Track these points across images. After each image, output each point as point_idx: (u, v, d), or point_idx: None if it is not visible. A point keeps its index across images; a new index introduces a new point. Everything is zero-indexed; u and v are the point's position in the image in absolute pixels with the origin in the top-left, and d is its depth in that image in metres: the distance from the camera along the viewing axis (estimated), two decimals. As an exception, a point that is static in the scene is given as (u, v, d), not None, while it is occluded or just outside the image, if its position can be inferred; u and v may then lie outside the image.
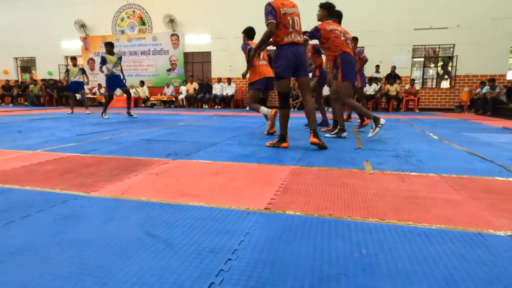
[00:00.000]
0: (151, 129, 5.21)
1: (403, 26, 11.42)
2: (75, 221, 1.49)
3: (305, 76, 3.48)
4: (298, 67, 3.38)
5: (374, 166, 2.62)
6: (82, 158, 2.92)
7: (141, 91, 13.58)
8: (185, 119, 7.30)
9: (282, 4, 3.26)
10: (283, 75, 3.36)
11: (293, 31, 3.30)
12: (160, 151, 3.25)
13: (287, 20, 3.25)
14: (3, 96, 14.47)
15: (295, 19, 3.31)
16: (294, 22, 3.30)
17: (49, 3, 14.60)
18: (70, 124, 6.05)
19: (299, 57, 3.33)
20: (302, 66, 3.39)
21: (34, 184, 2.09)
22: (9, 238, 1.32)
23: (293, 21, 3.29)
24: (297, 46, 3.33)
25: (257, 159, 2.87)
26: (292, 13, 3.30)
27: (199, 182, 2.14)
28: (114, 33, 14.34)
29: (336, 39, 4.10)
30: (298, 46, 3.34)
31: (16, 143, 3.72)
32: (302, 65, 3.38)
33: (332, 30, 4.11)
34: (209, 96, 12.48)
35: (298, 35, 3.35)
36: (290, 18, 3.27)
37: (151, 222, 1.48)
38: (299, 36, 3.35)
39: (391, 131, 5.09)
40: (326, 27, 4.11)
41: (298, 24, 3.35)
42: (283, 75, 3.36)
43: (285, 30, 3.27)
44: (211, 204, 1.71)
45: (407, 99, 11.10)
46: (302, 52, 3.37)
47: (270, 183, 2.12)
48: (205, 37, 13.36)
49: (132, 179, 2.21)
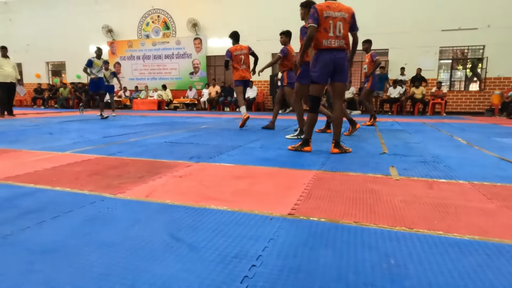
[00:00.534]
0: (175, 131, 5.30)
1: (429, 27, 11.10)
2: (102, 223, 1.52)
3: (340, 82, 3.37)
4: (335, 73, 3.32)
5: (400, 172, 2.55)
6: (109, 160, 3.00)
7: (164, 94, 13.85)
8: (207, 122, 7.37)
9: (327, 7, 3.20)
10: (317, 81, 3.35)
11: (333, 36, 3.22)
12: (183, 153, 3.30)
13: (329, 24, 3.19)
14: (35, 99, 15.13)
15: (337, 24, 3.21)
16: (336, 27, 3.21)
17: (78, 10, 15.18)
18: (97, 126, 6.25)
19: (337, 63, 3.27)
20: (340, 72, 3.31)
21: (64, 184, 2.16)
22: (40, 237, 1.37)
23: (334, 26, 3.20)
24: (336, 51, 3.26)
25: (280, 163, 2.85)
26: (336, 18, 3.20)
27: (222, 186, 2.15)
28: (139, 38, 14.72)
29: None
30: (338, 52, 3.26)
31: (47, 144, 3.87)
32: (339, 71, 3.31)
33: None
34: (231, 99, 12.57)
35: (340, 40, 3.24)
36: (332, 22, 3.19)
37: (175, 225, 1.49)
38: (341, 42, 3.25)
39: (417, 135, 4.95)
40: None
41: (341, 29, 3.22)
42: (317, 80, 3.35)
43: (325, 34, 3.21)
44: (234, 208, 1.71)
45: (434, 102, 10.76)
46: (341, 57, 3.28)
47: (293, 188, 2.10)
48: (227, 41, 13.44)
49: (156, 181, 2.25)
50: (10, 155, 3.23)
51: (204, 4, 13.49)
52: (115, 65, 15.14)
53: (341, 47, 3.27)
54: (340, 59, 3.27)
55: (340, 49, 3.27)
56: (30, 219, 1.56)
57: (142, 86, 14.70)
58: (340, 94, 3.44)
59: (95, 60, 7.86)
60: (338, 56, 3.26)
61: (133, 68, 14.97)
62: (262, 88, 13.07)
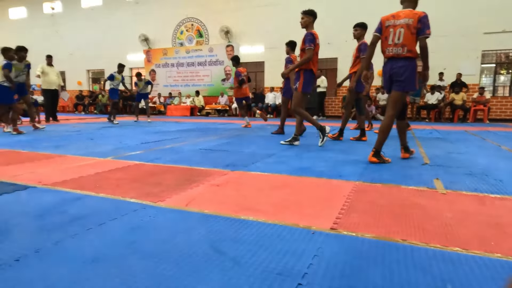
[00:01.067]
0: (208, 138, 5.37)
1: (470, 30, 10.59)
2: (146, 232, 1.54)
3: (395, 90, 3.26)
4: (391, 81, 3.27)
5: (446, 184, 2.41)
6: (148, 166, 3.07)
7: (197, 100, 14.14)
8: (239, 128, 7.42)
9: (392, 16, 3.20)
10: (386, 90, 3.39)
11: (391, 44, 3.19)
12: (218, 161, 3.32)
13: (389, 32, 3.20)
14: (77, 105, 15.97)
15: (397, 32, 3.14)
16: (395, 34, 3.16)
17: (117, 21, 15.92)
18: (134, 132, 6.46)
19: (393, 72, 3.21)
20: (395, 80, 3.23)
21: (107, 191, 2.23)
22: (88, 245, 1.40)
23: (394, 34, 3.16)
24: (394, 60, 3.21)
25: (317, 173, 2.79)
26: (397, 25, 3.14)
27: (259, 196, 2.13)
28: (173, 46, 15.17)
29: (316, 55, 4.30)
30: (395, 61, 3.20)
31: (89, 150, 4.04)
32: (395, 79, 3.22)
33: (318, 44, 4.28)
34: (262, 105, 12.61)
35: (397, 48, 3.16)
36: (392, 30, 3.17)
37: (217, 236, 1.49)
38: (399, 49, 3.16)
39: (459, 144, 4.69)
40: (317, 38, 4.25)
41: (401, 36, 3.13)
42: (386, 89, 3.40)
43: (386, 43, 3.24)
44: (275, 220, 1.68)
45: (475, 109, 10.22)
46: (398, 66, 3.18)
47: (333, 200, 2.04)
48: (259, 47, 13.59)
49: (194, 190, 2.27)
50: (56, 160, 3.40)
51: (236, 12, 13.70)
52: (150, 72, 15.68)
53: (399, 55, 3.17)
54: (396, 68, 3.19)
55: (397, 58, 3.19)
56: (78, 225, 1.61)
57: (175, 92, 15.11)
58: (392, 103, 3.30)
59: (116, 75, 8.69)
60: (395, 65, 3.20)
61: (167, 75, 15.43)
62: (293, 94, 12.99)
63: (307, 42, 4.16)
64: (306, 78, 4.32)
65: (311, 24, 4.32)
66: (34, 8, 18.18)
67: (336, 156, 3.61)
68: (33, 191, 2.24)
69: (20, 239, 1.46)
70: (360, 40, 4.86)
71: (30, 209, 1.86)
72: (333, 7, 12.08)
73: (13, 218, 1.72)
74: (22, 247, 1.37)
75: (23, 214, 1.79)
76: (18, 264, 1.24)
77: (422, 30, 3.06)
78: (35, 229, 1.58)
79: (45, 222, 1.66)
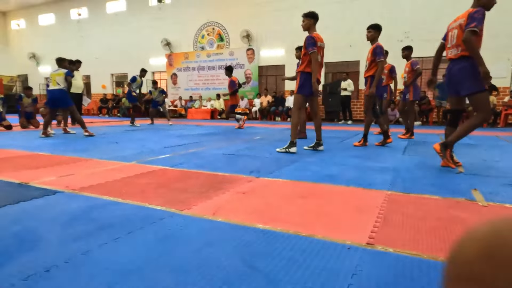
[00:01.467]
0: (230, 142, 5.34)
1: (500, 31, 10.15)
2: (174, 242, 1.50)
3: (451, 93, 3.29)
4: (453, 85, 3.20)
5: (486, 196, 2.27)
6: (172, 171, 3.06)
7: (217, 103, 14.20)
8: (260, 132, 7.37)
9: (454, 21, 3.22)
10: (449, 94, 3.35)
11: (450, 47, 3.20)
12: (242, 167, 3.27)
13: (448, 35, 3.22)
14: (101, 108, 16.37)
15: (453, 33, 3.16)
16: (450, 36, 3.20)
17: (140, 26, 16.26)
18: (157, 135, 6.52)
19: (451, 74, 3.18)
20: (452, 82, 3.19)
21: (132, 197, 2.21)
22: (117, 255, 1.37)
23: (451, 35, 3.18)
24: (452, 62, 3.18)
25: (345, 181, 2.69)
26: (453, 27, 3.17)
27: (288, 205, 2.06)
28: (195, 50, 15.33)
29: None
30: (453, 63, 3.17)
31: (114, 154, 4.08)
32: (453, 82, 3.18)
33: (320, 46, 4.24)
34: (282, 109, 12.53)
35: (453, 49, 3.18)
36: (451, 33, 3.20)
37: (247, 250, 1.43)
38: (454, 50, 3.16)
39: (493, 151, 4.46)
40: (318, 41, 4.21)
41: (455, 37, 3.14)
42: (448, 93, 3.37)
43: (446, 46, 3.27)
44: (306, 233, 1.61)
45: (506, 113, 9.77)
46: (455, 68, 3.14)
47: (366, 211, 1.95)
48: (279, 51, 13.53)
49: (220, 197, 2.22)
50: (82, 164, 3.44)
51: (257, 16, 13.71)
52: (172, 75, 15.90)
53: (456, 56, 3.13)
54: (453, 70, 3.16)
55: (455, 59, 3.15)
56: (106, 234, 1.59)
57: (196, 96, 15.24)
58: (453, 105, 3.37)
59: (138, 78, 9.06)
60: (452, 67, 3.18)
61: (188, 78, 15.60)
62: (314, 98, 12.84)
63: (309, 46, 4.13)
64: (302, 80, 4.28)
65: (312, 26, 4.29)
66: (61, 15, 18.84)
67: (363, 163, 3.49)
68: (61, 196, 2.25)
69: (50, 248, 1.45)
70: (374, 42, 4.70)
71: (58, 216, 1.86)
72: (354, 9, 11.89)
73: (43, 225, 1.72)
74: (52, 257, 1.35)
75: (52, 220, 1.79)
76: (49, 275, 1.22)
77: (467, 24, 2.96)
78: (64, 237, 1.56)
79: (73, 230, 1.65)
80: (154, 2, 16.07)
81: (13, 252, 1.41)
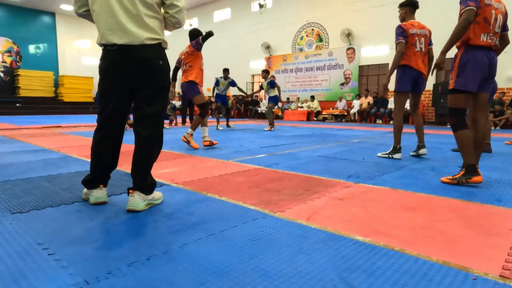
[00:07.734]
0: (326, 145, 5.13)
1: None
2: (266, 246, 1.44)
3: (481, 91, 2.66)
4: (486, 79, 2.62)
5: None
6: (266, 171, 3.05)
7: (313, 105, 13.99)
8: (359, 135, 6.94)
9: None
10: (464, 88, 2.56)
11: (492, 30, 2.54)
12: (339, 170, 3.07)
13: (490, 14, 2.53)
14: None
15: (499, 18, 2.58)
16: (497, 20, 2.57)
17: (243, 30, 17.10)
18: (254, 135, 6.70)
19: (492, 67, 2.60)
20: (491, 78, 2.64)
21: (228, 195, 2.25)
22: (209, 253, 1.38)
23: (496, 18, 2.55)
24: (493, 52, 2.62)
25: (465, 194, 2.28)
26: (498, 9, 2.59)
27: (392, 217, 1.82)
28: (293, 51, 15.40)
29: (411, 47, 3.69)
30: (494, 52, 2.63)
31: (214, 152, 4.31)
32: (491, 77, 2.64)
33: (415, 34, 3.67)
34: (384, 111, 11.63)
35: (496, 38, 2.61)
36: (494, 12, 2.54)
37: (345, 264, 1.28)
38: (495, 40, 2.60)
39: None
40: (409, 29, 3.67)
41: (500, 25, 2.60)
42: (465, 88, 2.55)
43: (485, 26, 2.52)
44: (416, 253, 1.37)
45: None
46: (496, 61, 2.64)
47: (495, 234, 1.58)
48: (383, 48, 12.59)
49: (315, 202, 2.10)
50: (186, 160, 3.70)
51: (357, 13, 13.04)
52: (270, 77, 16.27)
53: (496, 46, 2.63)
54: (495, 63, 2.61)
55: (493, 50, 2.61)
56: (201, 229, 1.63)
57: (293, 97, 15.30)
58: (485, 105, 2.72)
59: (221, 80, 8.72)
60: (495, 58, 2.61)
61: (286, 80, 15.75)
62: (422, 99, 11.59)
63: (396, 36, 3.68)
64: (400, 75, 3.77)
65: (408, 15, 3.80)
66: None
67: (489, 174, 2.93)
68: (166, 188, 2.43)
69: (152, 237, 1.54)
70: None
71: (162, 207, 1.99)
72: None
73: (148, 215, 1.85)
74: (153, 246, 1.43)
75: (157, 211, 1.92)
76: (149, 263, 1.28)
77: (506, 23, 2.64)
78: (165, 228, 1.65)
79: (173, 222, 1.74)
80: (256, 8, 16.71)
81: (122, 237, 1.54)
